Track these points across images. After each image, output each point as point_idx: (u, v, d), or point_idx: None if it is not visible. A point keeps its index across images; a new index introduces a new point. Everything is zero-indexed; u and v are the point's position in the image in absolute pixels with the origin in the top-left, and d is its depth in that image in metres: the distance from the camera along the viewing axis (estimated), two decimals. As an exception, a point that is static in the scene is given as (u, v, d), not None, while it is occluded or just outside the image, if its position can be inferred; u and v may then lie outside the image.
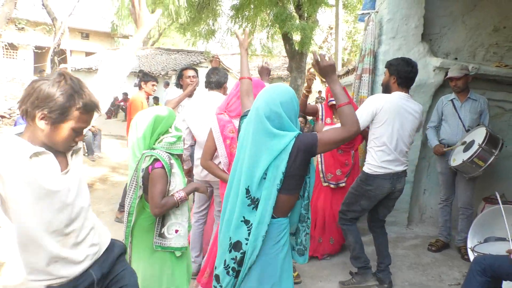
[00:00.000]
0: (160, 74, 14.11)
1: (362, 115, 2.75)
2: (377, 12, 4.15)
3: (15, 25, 16.18)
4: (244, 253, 1.75)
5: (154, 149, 2.06)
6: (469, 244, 3.26)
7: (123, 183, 5.23)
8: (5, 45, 15.74)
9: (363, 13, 4.54)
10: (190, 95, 3.71)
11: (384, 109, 2.75)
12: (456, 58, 4.24)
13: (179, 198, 2.01)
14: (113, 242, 1.75)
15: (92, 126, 4.74)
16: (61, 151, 1.46)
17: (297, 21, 8.14)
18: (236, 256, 1.78)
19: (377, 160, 2.82)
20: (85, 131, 1.51)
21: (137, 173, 1.99)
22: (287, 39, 8.46)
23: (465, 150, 3.41)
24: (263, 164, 1.68)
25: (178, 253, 2.10)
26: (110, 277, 1.69)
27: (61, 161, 1.46)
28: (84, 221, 1.55)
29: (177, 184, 2.05)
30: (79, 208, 1.52)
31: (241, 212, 1.76)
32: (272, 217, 1.75)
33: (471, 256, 3.03)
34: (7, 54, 19.73)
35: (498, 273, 2.22)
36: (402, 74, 2.80)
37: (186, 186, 2.14)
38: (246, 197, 1.74)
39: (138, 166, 1.99)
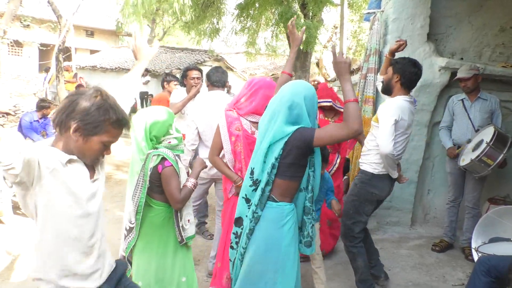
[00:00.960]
0: (164, 72, 14.10)
1: (389, 136, 2.56)
2: (382, 11, 4.14)
3: (21, 22, 16.24)
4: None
5: (157, 148, 2.11)
6: (473, 245, 3.25)
7: (127, 181, 5.25)
8: (11, 42, 15.82)
9: (368, 13, 4.52)
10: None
11: (401, 122, 2.62)
12: (462, 58, 4.22)
13: (192, 185, 2.12)
14: (115, 260, 1.75)
15: None
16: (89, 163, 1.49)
17: (302, 20, 8.11)
18: (237, 232, 1.91)
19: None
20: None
21: (145, 172, 2.04)
22: (291, 38, 8.47)
23: (474, 149, 3.39)
24: (263, 148, 1.81)
25: (190, 243, 2.21)
26: None
27: (90, 170, 1.50)
28: (102, 234, 1.55)
29: (182, 177, 2.15)
30: (100, 218, 1.53)
31: (244, 190, 1.88)
32: (274, 200, 1.82)
33: (475, 257, 3.02)
34: (12, 51, 19.80)
35: (502, 274, 2.21)
36: (407, 75, 2.66)
37: (191, 172, 2.24)
38: (250, 177, 1.84)
39: (145, 165, 2.05)
